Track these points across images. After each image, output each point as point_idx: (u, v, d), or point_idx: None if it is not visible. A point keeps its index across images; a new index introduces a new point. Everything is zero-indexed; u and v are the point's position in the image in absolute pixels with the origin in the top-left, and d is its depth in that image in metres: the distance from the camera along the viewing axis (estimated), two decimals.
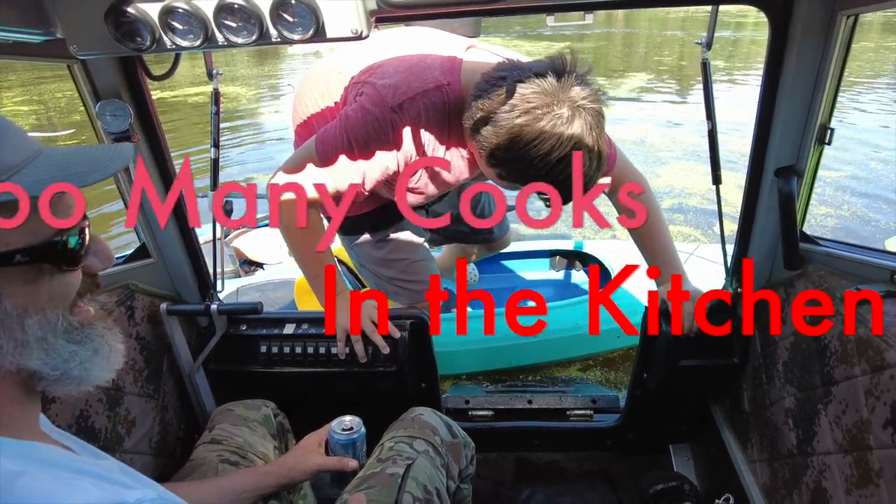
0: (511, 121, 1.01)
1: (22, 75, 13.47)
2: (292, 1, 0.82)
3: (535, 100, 0.99)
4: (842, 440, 1.03)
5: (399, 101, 1.14)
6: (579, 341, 2.64)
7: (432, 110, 1.15)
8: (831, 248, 1.19)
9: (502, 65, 1.08)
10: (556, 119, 0.99)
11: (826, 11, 1.00)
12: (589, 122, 1.01)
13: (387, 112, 1.14)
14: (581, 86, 1.01)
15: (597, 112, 1.02)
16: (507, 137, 1.02)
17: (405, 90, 1.14)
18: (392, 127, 1.15)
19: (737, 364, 1.44)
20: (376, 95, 1.15)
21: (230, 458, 1.15)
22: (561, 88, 1.00)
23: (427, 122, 1.17)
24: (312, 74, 1.46)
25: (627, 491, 1.71)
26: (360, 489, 1.05)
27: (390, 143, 1.17)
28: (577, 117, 0.99)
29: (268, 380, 1.47)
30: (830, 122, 1.11)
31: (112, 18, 0.83)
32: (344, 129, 1.17)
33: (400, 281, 1.69)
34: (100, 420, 1.16)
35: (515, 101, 1.00)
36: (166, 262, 1.40)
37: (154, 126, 1.23)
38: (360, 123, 1.15)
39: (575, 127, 0.99)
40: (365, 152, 1.17)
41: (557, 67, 1.01)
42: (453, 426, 1.27)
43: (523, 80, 1.01)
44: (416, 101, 1.14)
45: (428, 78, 1.15)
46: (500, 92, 1.02)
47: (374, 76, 1.19)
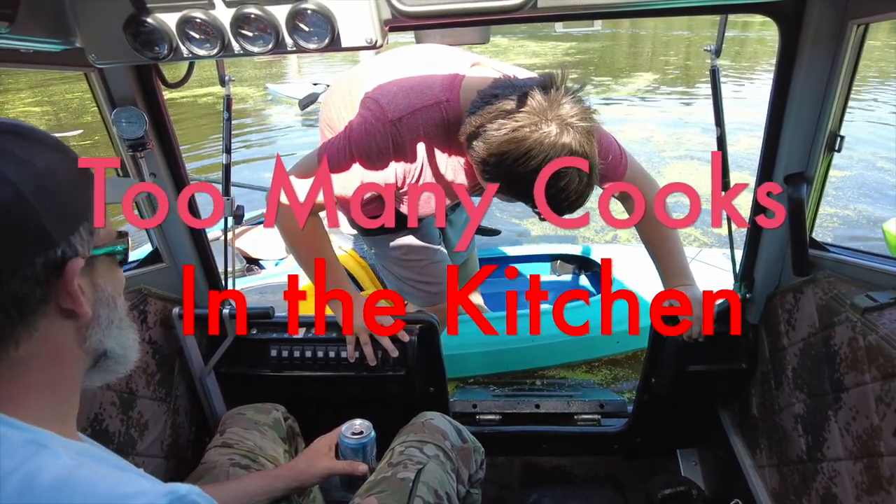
0: (500, 137, 1.04)
1: (32, 77, 13.56)
2: (308, 10, 0.83)
3: (522, 118, 1.02)
4: (852, 446, 1.03)
5: (398, 116, 1.18)
6: (580, 345, 2.64)
7: (430, 125, 1.20)
8: (841, 254, 1.19)
9: (497, 82, 1.11)
10: (544, 136, 1.01)
11: (836, 20, 1.00)
12: (577, 139, 1.02)
13: (387, 125, 1.18)
14: (571, 103, 1.03)
15: (586, 129, 1.03)
16: (496, 153, 1.05)
17: (405, 106, 1.19)
18: (391, 140, 1.19)
19: (745, 369, 1.44)
20: (378, 110, 1.20)
21: (241, 462, 1.16)
22: (550, 106, 1.02)
23: (426, 135, 1.22)
24: (341, 82, 1.54)
25: (635, 495, 1.71)
26: (372, 493, 1.06)
27: (389, 155, 1.22)
28: (565, 134, 1.01)
29: (278, 383, 1.48)
30: (840, 129, 1.11)
31: (131, 28, 0.84)
32: (347, 141, 1.21)
33: (415, 282, 1.72)
34: (113, 423, 1.17)
35: (504, 118, 1.03)
36: (178, 267, 1.42)
37: (168, 133, 1.24)
38: (362, 135, 1.20)
39: (563, 143, 1.01)
40: (365, 163, 1.21)
41: (547, 85, 1.03)
42: (463, 430, 1.28)
43: (513, 97, 1.04)
44: (416, 115, 1.19)
45: (428, 95, 1.20)
46: (492, 109, 1.05)
47: (379, 93, 1.24)
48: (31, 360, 0.55)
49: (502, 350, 2.58)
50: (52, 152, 0.56)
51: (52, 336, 0.56)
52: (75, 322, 0.57)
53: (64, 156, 0.57)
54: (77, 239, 0.55)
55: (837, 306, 1.11)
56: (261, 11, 0.82)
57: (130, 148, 1.18)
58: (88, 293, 0.58)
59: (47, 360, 0.56)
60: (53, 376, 0.57)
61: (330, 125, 1.53)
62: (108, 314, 0.61)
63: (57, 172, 0.55)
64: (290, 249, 1.38)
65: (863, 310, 1.03)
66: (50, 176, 0.54)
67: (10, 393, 0.54)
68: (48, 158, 0.55)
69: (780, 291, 1.33)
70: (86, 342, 0.59)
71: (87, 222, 0.57)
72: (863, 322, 1.03)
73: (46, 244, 0.52)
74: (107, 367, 0.64)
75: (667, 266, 1.45)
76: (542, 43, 16.59)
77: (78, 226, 0.55)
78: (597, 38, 17.51)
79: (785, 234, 1.25)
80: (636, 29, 20.02)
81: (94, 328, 0.59)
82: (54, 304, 0.54)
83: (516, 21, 0.95)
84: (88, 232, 0.57)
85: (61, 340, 0.57)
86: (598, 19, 1.03)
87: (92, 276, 0.59)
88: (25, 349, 0.54)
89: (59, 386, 0.58)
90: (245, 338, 1.46)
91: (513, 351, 2.60)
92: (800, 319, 1.24)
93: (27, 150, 0.53)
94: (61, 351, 0.57)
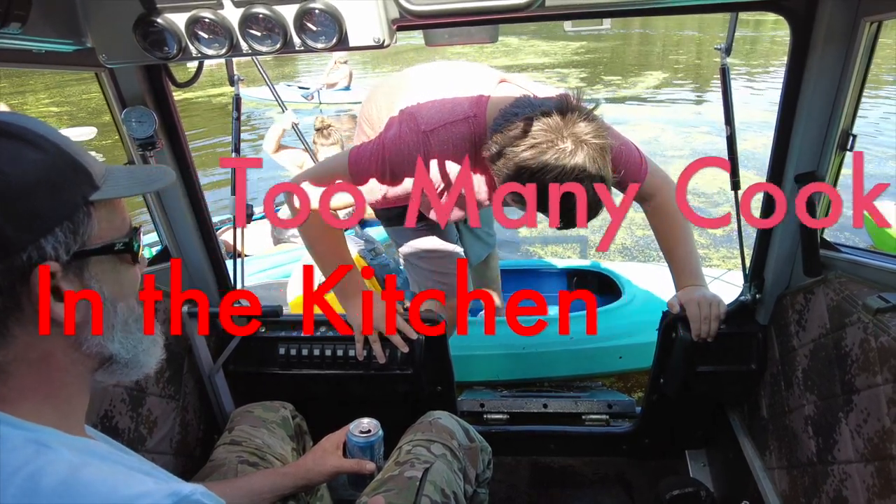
0: (518, 154, 1.11)
1: (47, 79, 13.73)
2: (316, 10, 0.83)
3: (540, 135, 1.09)
4: (863, 449, 1.02)
5: (431, 128, 1.28)
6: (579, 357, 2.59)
7: (458, 138, 1.29)
8: (852, 254, 1.18)
9: (517, 101, 1.20)
10: (560, 152, 1.08)
11: (849, 18, 0.99)
12: (591, 155, 1.09)
13: (420, 135, 1.28)
14: (586, 122, 1.10)
15: (599, 146, 1.10)
16: (514, 168, 1.13)
17: (437, 120, 1.30)
18: (423, 149, 1.28)
19: (755, 370, 1.43)
20: (413, 123, 1.30)
21: (249, 460, 1.17)
22: (565, 125, 1.09)
23: (454, 147, 1.30)
24: (384, 85, 1.71)
25: (643, 496, 1.70)
26: (379, 492, 1.06)
27: (418, 163, 1.30)
28: (580, 150, 1.08)
29: (286, 382, 1.48)
30: (853, 128, 1.10)
31: (140, 28, 0.85)
32: (381, 148, 1.29)
33: (434, 273, 1.83)
34: (123, 420, 1.18)
35: (523, 136, 1.11)
36: (187, 265, 1.43)
37: (178, 132, 1.25)
38: (395, 143, 1.29)
39: (578, 159, 1.08)
40: (397, 169, 1.29)
41: (563, 106, 1.11)
42: (470, 430, 1.28)
43: (532, 116, 1.11)
44: (446, 129, 1.29)
45: (458, 111, 1.31)
46: (512, 127, 1.13)
47: (415, 109, 1.35)
48: (16, 365, 0.53)
49: (499, 356, 2.56)
50: (31, 151, 0.53)
51: (35, 342, 0.54)
52: (60, 327, 0.54)
53: (45, 155, 0.54)
54: (50, 242, 0.52)
55: (849, 307, 1.10)
56: (269, 11, 0.83)
57: (140, 147, 1.19)
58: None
59: (36, 365, 0.54)
60: (49, 378, 0.56)
61: (369, 121, 1.67)
62: (105, 318, 0.58)
63: (30, 173, 0.52)
64: (310, 251, 1.41)
65: (875, 311, 1.02)
66: (18, 178, 0.51)
67: (1, 394, 0.53)
68: (23, 158, 0.52)
69: (790, 292, 1.32)
70: (82, 346, 0.57)
71: (69, 222, 0.54)
72: (875, 323, 1.01)
73: (6, 250, 0.50)
74: (114, 371, 0.62)
75: (679, 266, 1.47)
76: (552, 43, 16.54)
77: (53, 227, 0.52)
78: (606, 38, 17.44)
79: (796, 234, 1.24)
80: (646, 29, 19.92)
81: (87, 333, 0.57)
82: (30, 310, 0.52)
83: (524, 20, 0.95)
84: (70, 232, 0.54)
85: (48, 346, 0.55)
86: (606, 18, 1.03)
87: (81, 278, 0.56)
88: (4, 354, 0.52)
89: (57, 387, 0.56)
90: (253, 336, 1.47)
91: (508, 357, 2.58)
92: (810, 320, 1.23)
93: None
94: (51, 356, 0.55)
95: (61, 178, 0.54)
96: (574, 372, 2.66)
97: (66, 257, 0.53)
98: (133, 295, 0.63)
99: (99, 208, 0.57)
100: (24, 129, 0.54)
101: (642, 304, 2.61)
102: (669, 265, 1.50)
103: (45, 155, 0.54)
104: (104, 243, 0.57)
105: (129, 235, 0.60)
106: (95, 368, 0.61)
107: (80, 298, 0.56)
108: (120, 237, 0.59)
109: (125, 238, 0.60)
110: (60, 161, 0.55)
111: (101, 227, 0.57)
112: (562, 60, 14.84)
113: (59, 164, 0.55)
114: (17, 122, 0.54)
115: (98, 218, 0.56)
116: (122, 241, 0.59)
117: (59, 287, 0.53)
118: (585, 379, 2.68)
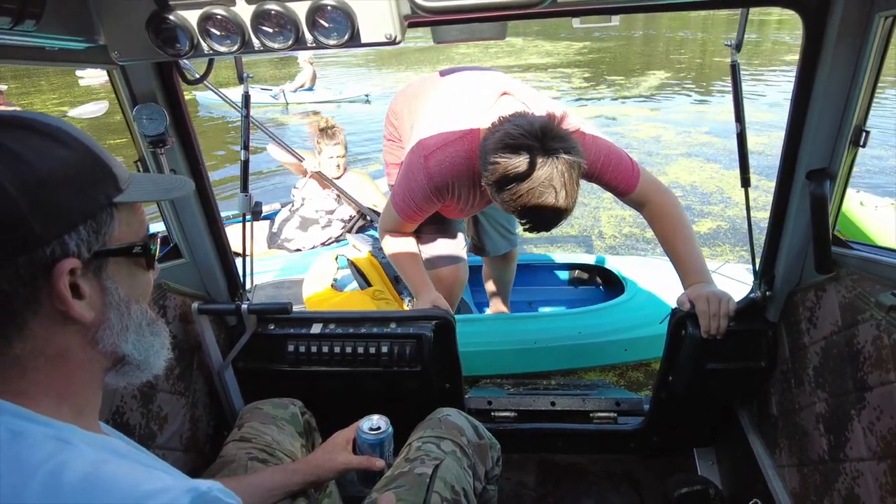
0: (497, 167, 1.28)
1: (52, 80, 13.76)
2: (328, 6, 0.83)
3: (519, 151, 1.25)
4: (876, 447, 1.01)
5: (430, 153, 1.53)
6: (584, 351, 2.62)
7: (456, 157, 1.52)
8: (864, 251, 1.17)
9: (504, 118, 1.36)
10: (531, 167, 1.24)
11: (863, 13, 0.98)
12: (560, 169, 1.25)
13: (421, 162, 1.53)
14: (560, 141, 1.25)
15: (569, 162, 1.26)
16: (495, 178, 1.30)
17: (436, 142, 1.53)
18: (424, 173, 1.53)
19: (765, 367, 1.42)
20: (417, 149, 1.56)
21: (259, 456, 1.17)
22: (541, 142, 1.24)
23: (451, 163, 1.52)
24: (415, 84, 1.92)
25: (651, 494, 1.70)
26: (389, 488, 1.06)
27: (429, 190, 1.56)
28: (548, 164, 1.24)
29: (295, 378, 1.49)
30: (866, 124, 1.09)
31: (153, 25, 0.85)
32: (402, 189, 1.60)
33: (433, 257, 1.98)
34: (134, 416, 1.18)
35: (504, 152, 1.27)
36: (197, 263, 1.43)
37: (188, 129, 1.26)
38: (405, 181, 1.58)
39: (546, 171, 1.24)
40: (414, 200, 1.60)
41: (544, 124, 1.27)
42: (479, 427, 1.28)
43: (513, 133, 1.27)
44: (444, 149, 1.52)
45: (456, 130, 1.52)
46: (496, 142, 1.29)
47: (424, 128, 1.59)
48: (33, 359, 0.54)
49: (507, 351, 2.57)
50: (60, 148, 0.53)
51: (52, 337, 0.54)
52: (77, 324, 0.55)
53: (73, 153, 0.54)
54: (73, 238, 0.53)
55: (861, 304, 1.09)
56: (281, 7, 0.83)
57: (151, 144, 1.19)
58: (92, 295, 0.56)
59: (53, 360, 0.55)
60: (66, 374, 0.56)
61: (395, 115, 1.95)
62: (120, 318, 0.59)
63: (58, 169, 0.52)
64: (392, 262, 1.74)
65: (888, 308, 1.01)
66: (46, 173, 0.51)
67: (20, 388, 0.54)
68: (52, 154, 0.52)
69: (801, 289, 1.32)
70: (98, 344, 0.58)
71: (93, 221, 0.54)
72: (888, 320, 1.01)
73: (31, 243, 0.50)
74: (126, 372, 0.63)
75: (684, 265, 1.48)
76: (556, 43, 16.50)
77: (77, 225, 0.53)
78: (610, 38, 17.40)
79: (807, 230, 1.23)
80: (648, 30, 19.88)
81: (103, 331, 0.58)
82: (49, 305, 0.53)
83: (534, 17, 0.95)
84: (93, 231, 0.54)
85: (65, 342, 0.55)
86: (616, 14, 1.02)
87: (99, 277, 0.56)
88: (21, 348, 0.53)
89: (73, 383, 0.57)
90: (263, 333, 1.47)
91: (517, 352, 2.59)
92: (822, 317, 1.22)
93: (25, 144, 0.52)
94: (68, 352, 0.56)
95: (88, 176, 0.55)
96: (581, 365, 2.70)
97: (87, 255, 0.54)
98: (146, 298, 0.64)
99: (121, 210, 0.58)
100: (51, 127, 0.54)
101: (646, 299, 2.63)
102: (675, 266, 1.51)
103: (73, 153, 0.55)
104: (123, 245, 0.58)
105: (147, 240, 0.61)
106: (108, 368, 0.61)
107: (98, 297, 0.56)
108: (138, 241, 0.60)
109: (143, 242, 0.61)
110: (88, 160, 0.56)
111: (121, 230, 0.58)
112: (565, 60, 14.82)
113: (86, 162, 0.56)
114: (44, 119, 0.55)
115: (119, 220, 0.58)
116: (140, 245, 0.60)
117: (79, 284, 0.54)
118: (591, 371, 2.72)
